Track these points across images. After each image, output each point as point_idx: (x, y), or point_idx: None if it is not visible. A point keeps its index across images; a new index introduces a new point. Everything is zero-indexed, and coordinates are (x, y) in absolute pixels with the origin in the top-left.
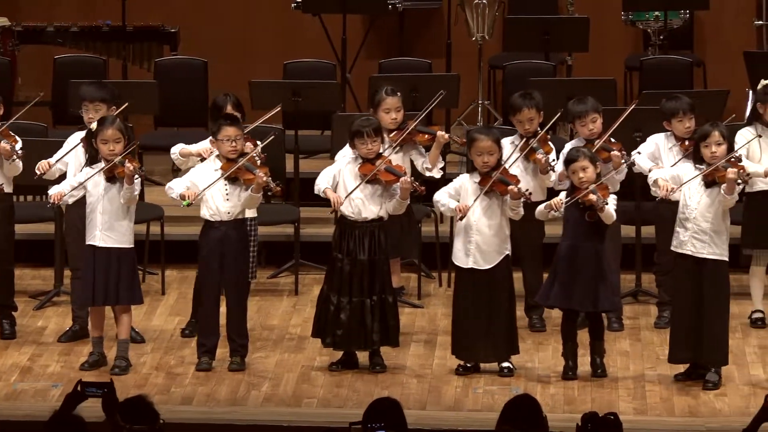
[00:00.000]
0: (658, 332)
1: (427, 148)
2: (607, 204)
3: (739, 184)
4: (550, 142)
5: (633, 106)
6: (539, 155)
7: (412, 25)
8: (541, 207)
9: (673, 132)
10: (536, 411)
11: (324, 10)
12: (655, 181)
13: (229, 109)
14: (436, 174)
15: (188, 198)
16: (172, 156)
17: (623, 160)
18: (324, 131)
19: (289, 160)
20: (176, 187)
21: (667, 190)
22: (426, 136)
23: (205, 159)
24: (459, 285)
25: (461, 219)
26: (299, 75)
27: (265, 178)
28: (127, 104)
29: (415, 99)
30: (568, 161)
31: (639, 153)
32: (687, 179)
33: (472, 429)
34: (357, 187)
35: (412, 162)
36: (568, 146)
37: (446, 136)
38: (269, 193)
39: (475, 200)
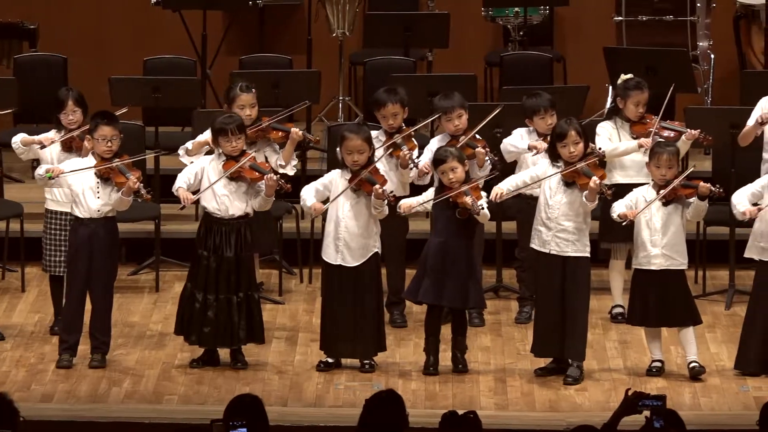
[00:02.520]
0: (519, 328)
1: (282, 145)
2: (483, 208)
3: (601, 194)
4: (413, 139)
5: (499, 109)
6: (404, 150)
7: (272, 21)
8: (407, 201)
9: (535, 128)
10: (398, 406)
11: (184, 6)
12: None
13: (70, 103)
14: (290, 171)
15: (52, 172)
16: (13, 146)
17: (487, 158)
18: (184, 128)
19: (149, 156)
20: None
21: (496, 196)
22: (280, 133)
23: (45, 146)
24: (327, 281)
25: (313, 217)
26: (159, 71)
27: (137, 184)
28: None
29: (278, 95)
30: (437, 162)
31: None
32: (545, 177)
33: (334, 425)
34: (216, 181)
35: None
36: (434, 142)
37: (300, 133)
38: (139, 200)
39: (335, 198)
